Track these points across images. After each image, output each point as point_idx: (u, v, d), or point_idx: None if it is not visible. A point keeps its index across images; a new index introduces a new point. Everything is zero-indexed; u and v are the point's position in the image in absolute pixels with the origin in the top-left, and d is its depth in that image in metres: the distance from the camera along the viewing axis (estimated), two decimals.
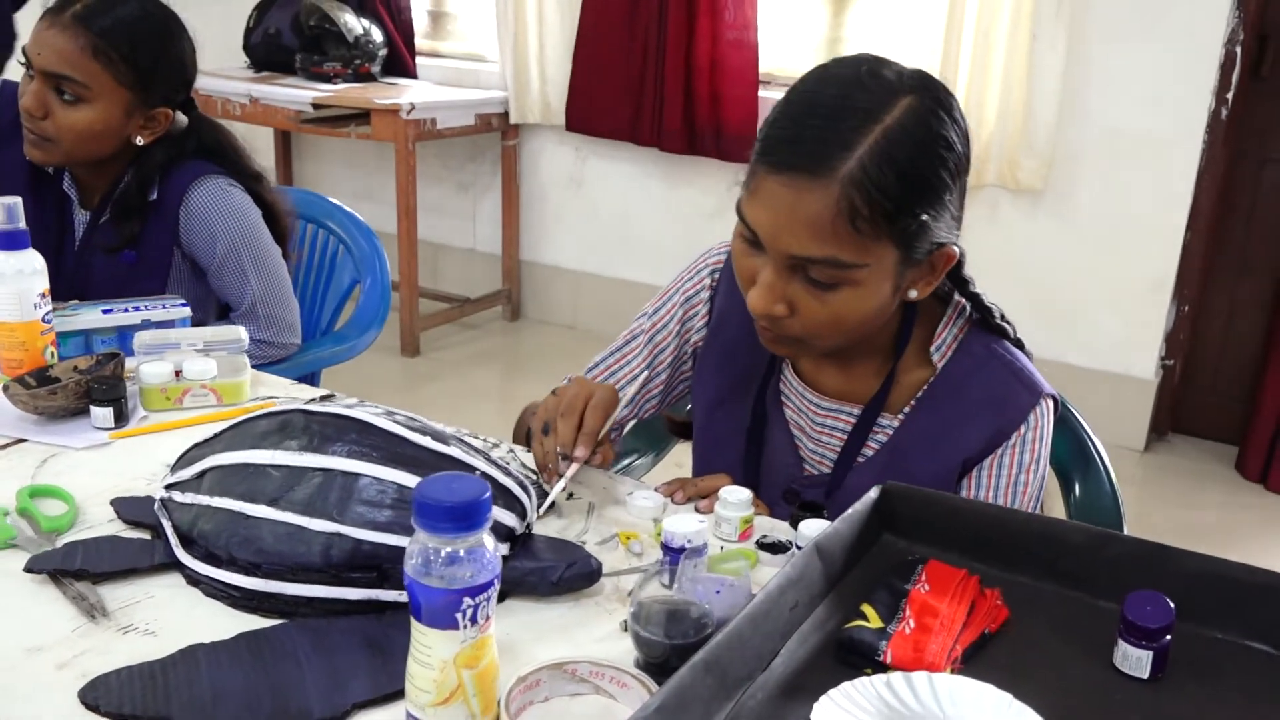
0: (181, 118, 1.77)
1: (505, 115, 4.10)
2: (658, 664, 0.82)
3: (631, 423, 1.38)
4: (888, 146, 0.99)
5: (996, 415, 1.15)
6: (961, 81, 3.32)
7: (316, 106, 3.84)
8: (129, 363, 1.34)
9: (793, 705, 0.81)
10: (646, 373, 1.29)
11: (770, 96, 3.65)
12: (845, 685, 0.80)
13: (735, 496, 1.07)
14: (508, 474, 0.98)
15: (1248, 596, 0.91)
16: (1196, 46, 3.12)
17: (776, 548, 1.03)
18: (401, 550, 0.89)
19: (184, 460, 1.02)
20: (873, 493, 1.01)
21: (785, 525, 1.10)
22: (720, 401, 1.29)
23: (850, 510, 0.97)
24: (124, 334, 1.44)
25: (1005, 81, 3.26)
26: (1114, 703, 0.84)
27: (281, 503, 0.92)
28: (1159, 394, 3.40)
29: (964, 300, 1.19)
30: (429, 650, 0.75)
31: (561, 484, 1.08)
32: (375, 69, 4.17)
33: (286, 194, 1.93)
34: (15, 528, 1.00)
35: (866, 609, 0.90)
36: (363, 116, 3.81)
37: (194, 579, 0.95)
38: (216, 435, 1.01)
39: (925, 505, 1.02)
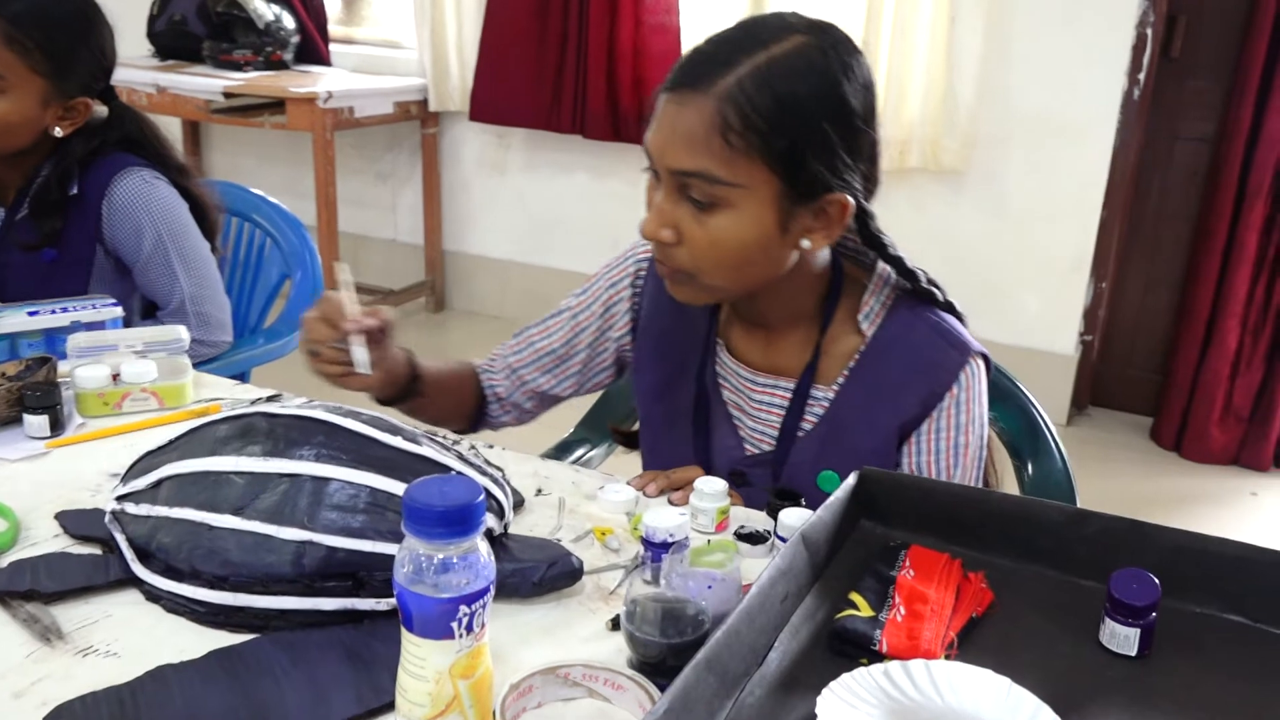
0: (101, 108, 1.69)
1: (424, 103, 4.02)
2: (653, 664, 0.80)
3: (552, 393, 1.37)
4: (769, 71, 1.01)
5: (927, 378, 1.16)
6: (882, 64, 3.34)
7: (228, 95, 3.72)
8: (61, 366, 1.27)
9: (792, 700, 0.79)
10: (564, 349, 1.31)
11: None
12: (845, 678, 0.79)
13: (711, 487, 1.05)
14: (482, 472, 0.95)
15: (1222, 569, 0.92)
16: (1110, 28, 3.18)
17: (755, 538, 1.02)
18: (378, 556, 0.87)
19: (136, 470, 0.97)
20: (851, 478, 1.00)
21: (761, 515, 1.09)
22: (661, 392, 1.29)
23: (831, 498, 0.96)
24: (52, 337, 1.37)
25: (926, 64, 3.30)
26: (1104, 680, 0.84)
27: (247, 511, 0.87)
28: (1079, 369, 3.48)
29: (889, 267, 1.18)
30: (422, 661, 0.71)
31: (365, 355, 1.07)
32: (288, 56, 4.06)
33: (213, 187, 1.86)
34: None
35: (856, 597, 0.89)
36: (277, 106, 3.70)
37: (154, 595, 0.90)
38: (170, 443, 0.96)
39: (901, 489, 1.02)
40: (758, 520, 1.08)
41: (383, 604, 0.87)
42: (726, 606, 0.83)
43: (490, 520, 0.91)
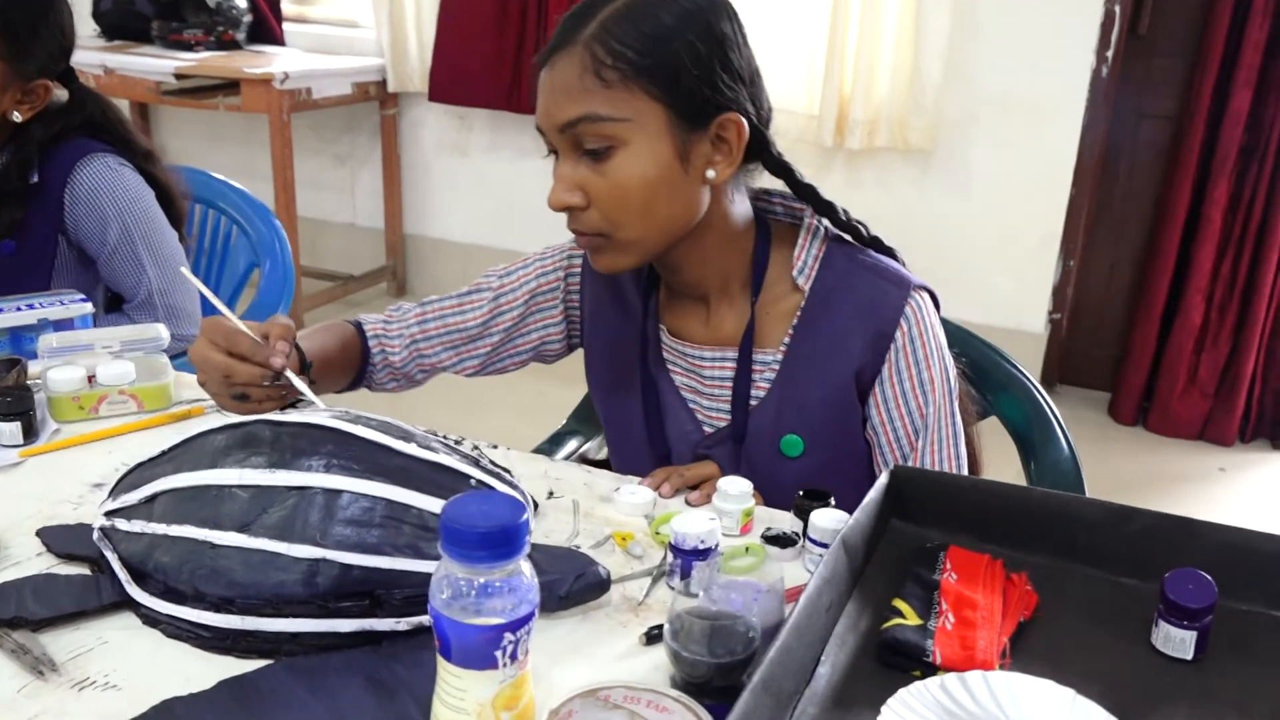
0: (61, 90, 1.60)
1: (383, 84, 3.92)
2: (699, 684, 0.75)
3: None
4: (629, 8, 1.02)
5: (872, 319, 1.13)
6: (850, 44, 3.30)
7: (179, 77, 3.59)
8: (31, 368, 1.19)
9: (848, 718, 0.75)
10: (478, 329, 1.27)
11: None
12: (902, 693, 0.75)
13: (735, 488, 1.00)
14: (501, 479, 0.89)
15: (1271, 566, 0.89)
16: (1078, 6, 3.16)
17: (783, 540, 0.97)
18: (396, 573, 0.81)
19: (126, 483, 0.90)
20: (883, 477, 0.96)
21: (783, 514, 1.04)
22: (613, 389, 1.27)
23: (866, 499, 0.92)
24: (17, 336, 1.28)
25: (894, 43, 3.26)
26: (1162, 686, 0.80)
27: (253, 527, 0.81)
28: (1048, 347, 3.48)
29: (816, 219, 1.17)
30: (462, 693, 0.66)
31: (306, 385, 1.04)
32: (240, 36, 3.93)
33: (180, 173, 1.77)
34: None
35: (900, 604, 0.85)
36: (231, 87, 3.58)
37: (152, 619, 0.83)
38: (164, 454, 0.89)
39: (934, 487, 0.98)
40: (780, 520, 1.03)
41: (402, 624, 0.81)
42: (771, 618, 0.78)
43: None
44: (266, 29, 4.04)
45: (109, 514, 0.88)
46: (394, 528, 0.81)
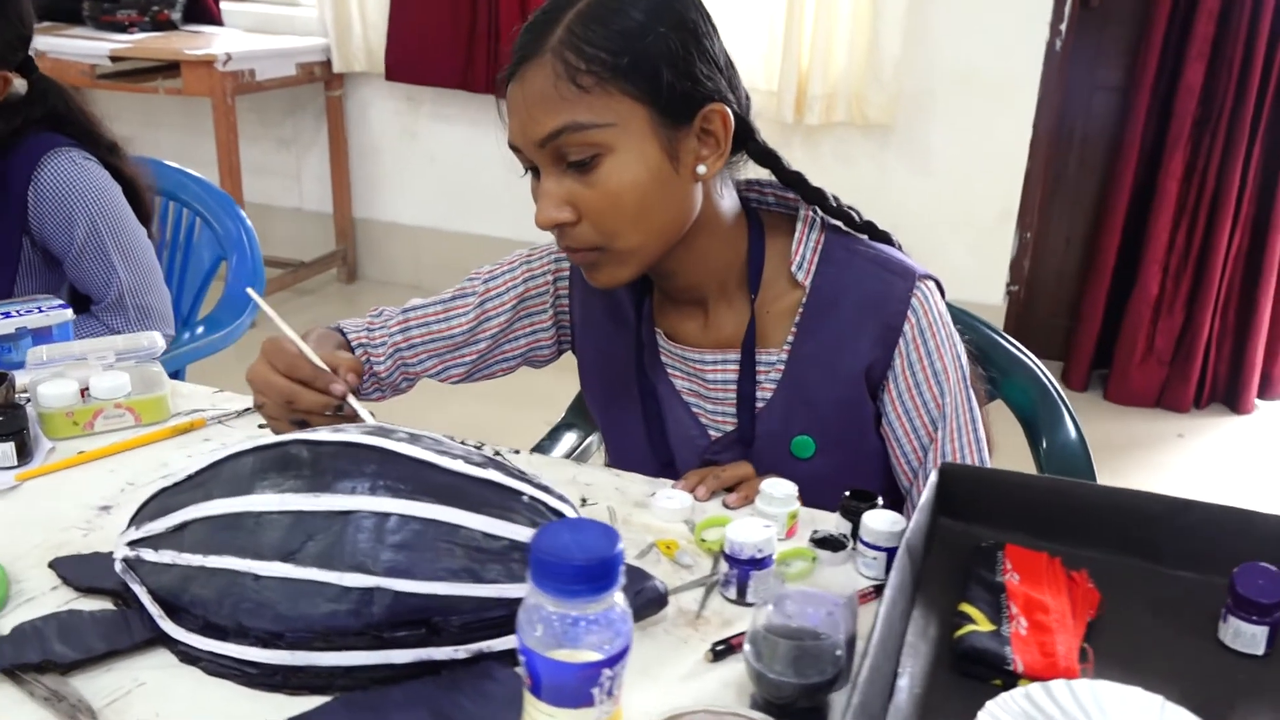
0: (20, 82, 1.51)
1: (328, 64, 3.81)
2: (782, 705, 0.72)
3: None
4: (592, 9, 0.98)
5: (879, 313, 1.10)
6: (808, 19, 3.27)
7: (115, 59, 3.45)
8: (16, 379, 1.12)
9: None
10: (464, 336, 1.23)
11: None
12: (990, 706, 0.73)
13: (780, 490, 0.97)
14: (549, 491, 0.85)
15: None
16: None
17: (833, 544, 0.94)
18: (454, 599, 0.76)
19: (150, 510, 0.84)
20: (933, 476, 0.93)
21: (831, 517, 1.01)
22: (611, 396, 1.23)
23: (922, 499, 0.89)
24: None
25: (852, 18, 3.24)
26: (1237, 684, 0.79)
27: (298, 556, 0.76)
28: (1006, 319, 3.51)
29: (809, 208, 1.13)
30: None
31: (369, 417, 0.99)
32: (175, 16, 3.80)
33: (146, 165, 1.69)
34: None
35: (969, 610, 0.83)
36: (170, 69, 3.45)
37: (190, 656, 0.78)
38: (190, 478, 0.84)
39: (984, 484, 0.96)
40: (822, 521, 1.01)
41: (461, 651, 0.77)
42: (847, 629, 0.75)
43: None
44: (202, 8, 3.91)
45: (132, 544, 0.83)
46: (448, 551, 0.77)
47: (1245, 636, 0.82)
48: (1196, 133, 3.17)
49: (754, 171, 1.15)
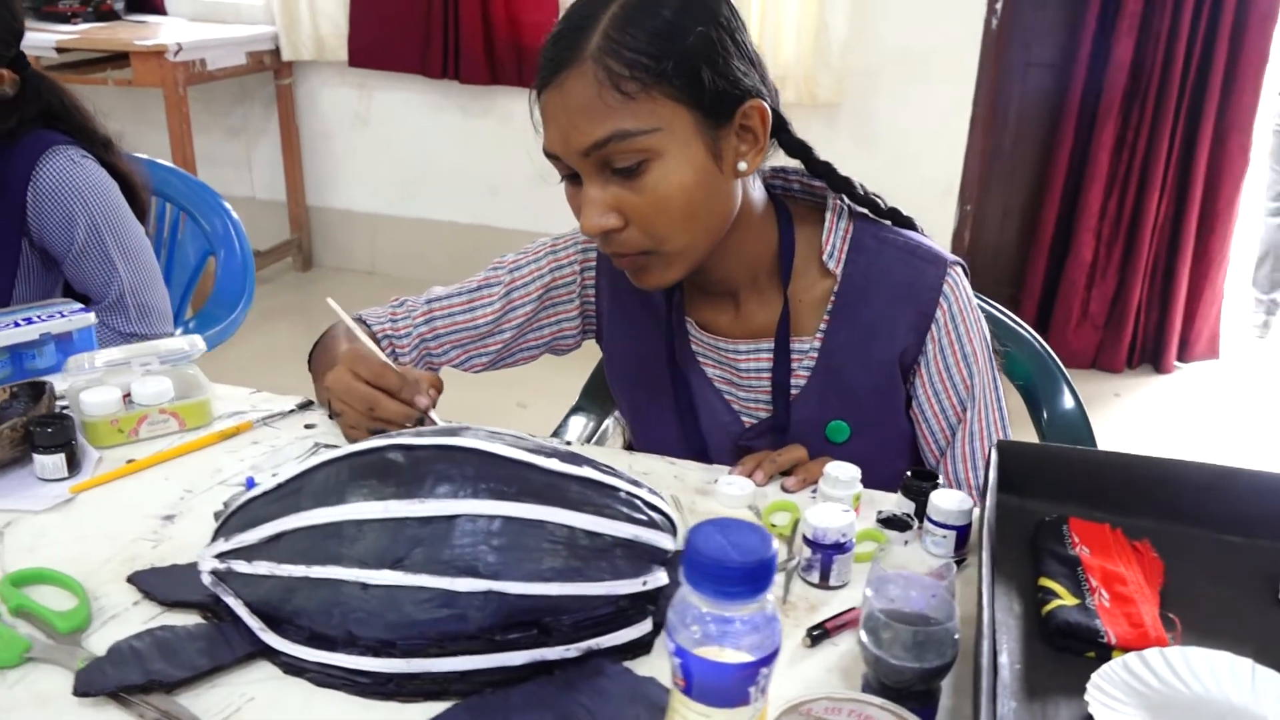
0: (13, 78, 1.42)
1: (277, 52, 3.69)
2: (899, 688, 0.72)
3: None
4: (627, 12, 0.94)
5: (913, 300, 1.10)
6: (756, 2, 3.26)
7: (61, 50, 3.30)
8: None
9: (1047, 710, 0.72)
10: (489, 326, 1.20)
11: None
12: (1096, 678, 0.73)
13: (846, 474, 0.96)
14: (639, 484, 0.83)
15: None
16: None
17: (899, 523, 0.93)
18: (565, 599, 0.74)
19: (238, 522, 0.80)
20: (993, 455, 0.93)
21: (883, 495, 1.01)
22: (642, 386, 1.21)
23: (991, 479, 0.89)
24: (18, 354, 1.14)
25: (799, 3, 3.23)
26: None
27: (407, 563, 0.73)
28: None
29: (838, 197, 1.12)
30: None
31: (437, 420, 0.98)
32: (119, 5, 3.65)
33: (139, 162, 1.61)
34: (27, 637, 0.76)
35: (1050, 584, 0.83)
36: (118, 60, 3.31)
37: (295, 668, 0.75)
38: (278, 488, 0.80)
39: (1040, 460, 0.96)
40: (880, 501, 1.00)
41: (572, 650, 0.75)
42: (954, 612, 0.74)
43: (666, 541, 0.80)
44: None
45: (221, 555, 0.79)
46: (553, 551, 0.75)
47: None
48: (1126, 105, 3.23)
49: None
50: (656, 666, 0.76)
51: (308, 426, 1.09)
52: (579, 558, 0.75)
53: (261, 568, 0.77)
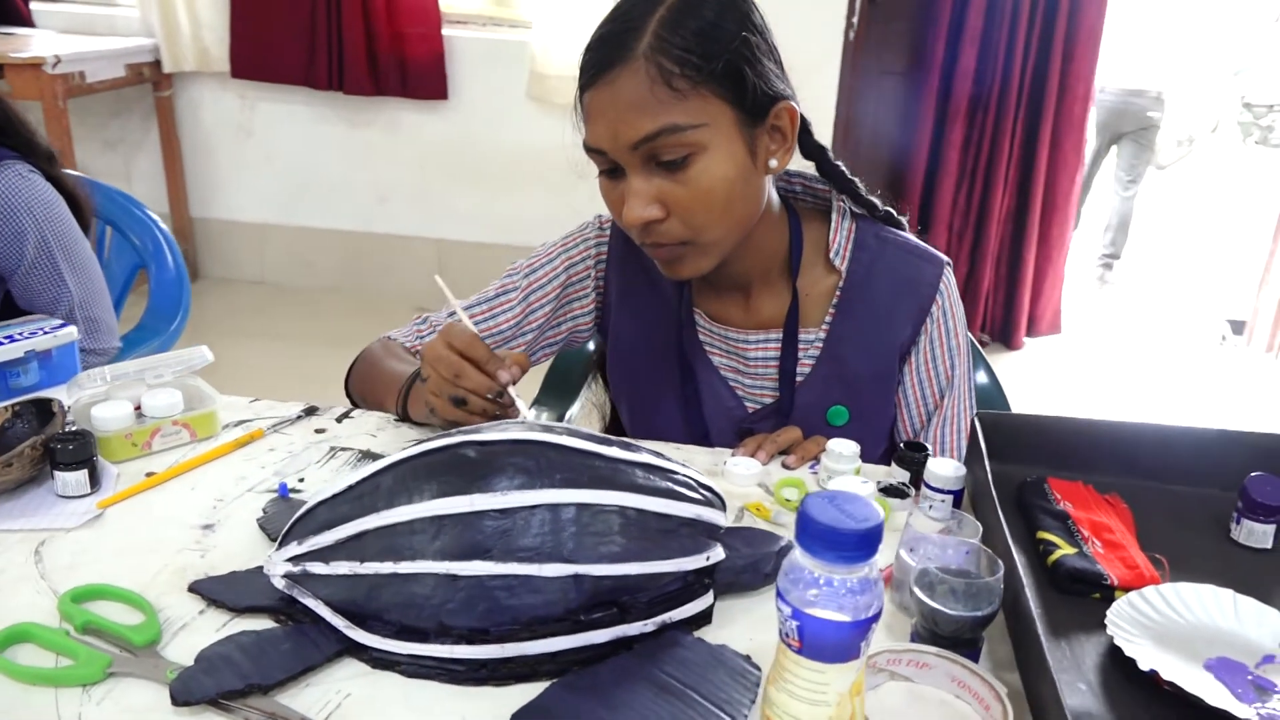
0: None
1: (156, 64, 3.51)
2: (950, 638, 0.76)
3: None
4: (674, 13, 0.96)
5: (914, 296, 1.16)
6: None
7: None
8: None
9: (1074, 648, 0.78)
10: (512, 330, 1.20)
11: (456, 35, 3.42)
12: (1110, 615, 0.79)
13: (848, 449, 1.00)
14: (686, 467, 0.85)
15: None
16: None
17: (897, 492, 0.98)
18: (643, 578, 0.76)
19: (307, 526, 0.78)
20: (977, 426, 0.99)
21: (878, 470, 1.05)
22: (645, 372, 1.22)
23: (979, 447, 0.95)
24: (1, 372, 1.07)
25: None
26: (1251, 573, 0.89)
27: (495, 554, 0.73)
28: None
29: (841, 199, 1.18)
30: (824, 686, 0.63)
31: (527, 408, 0.98)
32: None
33: (79, 177, 1.52)
34: (106, 652, 0.72)
35: (1048, 536, 0.89)
36: None
37: (385, 661, 0.74)
38: (349, 489, 0.78)
39: (1019, 429, 1.02)
40: (874, 473, 1.05)
41: (649, 625, 0.76)
42: (992, 566, 0.79)
43: (719, 517, 0.82)
44: (11, 9, 3.52)
45: (294, 559, 0.77)
46: (629, 533, 0.76)
47: (1257, 534, 0.92)
48: (971, 109, 3.41)
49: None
50: (720, 635, 0.79)
51: (318, 431, 1.06)
52: (651, 538, 0.77)
53: (341, 568, 0.75)
